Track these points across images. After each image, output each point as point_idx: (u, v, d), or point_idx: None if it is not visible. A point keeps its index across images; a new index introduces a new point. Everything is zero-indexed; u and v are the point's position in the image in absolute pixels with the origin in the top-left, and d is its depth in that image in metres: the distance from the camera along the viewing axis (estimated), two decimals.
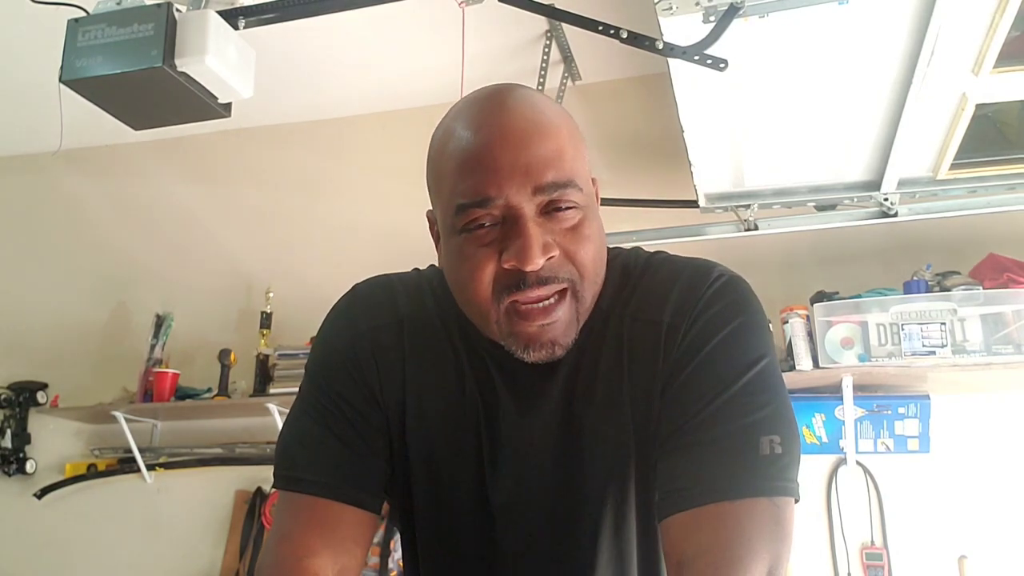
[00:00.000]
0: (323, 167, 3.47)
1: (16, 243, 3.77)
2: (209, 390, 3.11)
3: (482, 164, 0.86)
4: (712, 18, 1.82)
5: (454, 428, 0.99)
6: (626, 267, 1.02)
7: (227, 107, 1.98)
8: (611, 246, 1.04)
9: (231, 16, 1.93)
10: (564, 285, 0.88)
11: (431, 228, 1.01)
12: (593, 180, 0.98)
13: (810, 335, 2.48)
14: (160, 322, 3.27)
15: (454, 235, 0.90)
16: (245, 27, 1.95)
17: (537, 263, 0.85)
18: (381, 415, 1.02)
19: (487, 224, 0.87)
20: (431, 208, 0.99)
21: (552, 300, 0.88)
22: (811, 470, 2.62)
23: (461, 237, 0.89)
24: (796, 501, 0.86)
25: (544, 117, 0.90)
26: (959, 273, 2.47)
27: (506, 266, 0.86)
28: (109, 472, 3.25)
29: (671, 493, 0.87)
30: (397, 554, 2.72)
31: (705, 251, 2.81)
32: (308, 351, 2.92)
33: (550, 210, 0.88)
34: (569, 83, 3.12)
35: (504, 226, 0.87)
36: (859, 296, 2.49)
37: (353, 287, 1.14)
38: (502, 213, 0.87)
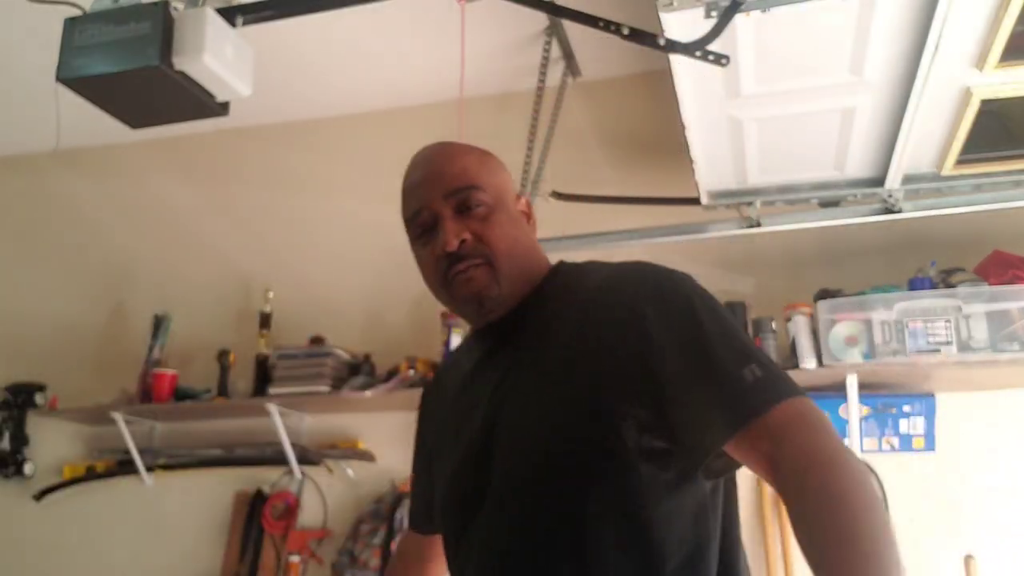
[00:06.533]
0: (322, 166, 3.45)
1: (13, 244, 3.76)
2: (208, 391, 3.10)
3: (411, 190, 1.23)
4: (714, 13, 1.80)
5: (456, 415, 1.26)
6: (573, 266, 1.27)
7: (225, 106, 1.96)
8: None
9: (229, 14, 1.91)
10: (479, 260, 1.16)
11: None
12: (519, 197, 1.28)
13: (814, 333, 2.47)
14: (159, 323, 3.25)
15: (414, 247, 1.24)
16: (243, 25, 1.94)
17: (453, 245, 1.14)
18: (423, 445, 1.39)
19: (426, 231, 1.19)
20: None
21: (473, 269, 1.16)
22: None
23: (416, 246, 1.23)
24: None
25: (450, 151, 1.25)
26: (964, 270, 2.46)
27: (437, 253, 1.17)
28: (108, 474, 3.23)
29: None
30: None
31: (708, 248, 2.81)
32: (308, 351, 2.93)
33: (463, 209, 1.17)
34: (570, 80, 3.11)
35: (434, 229, 1.18)
36: (863, 293, 2.47)
37: None
38: (431, 220, 1.18)
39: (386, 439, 2.98)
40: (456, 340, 2.83)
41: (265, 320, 3.11)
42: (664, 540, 1.01)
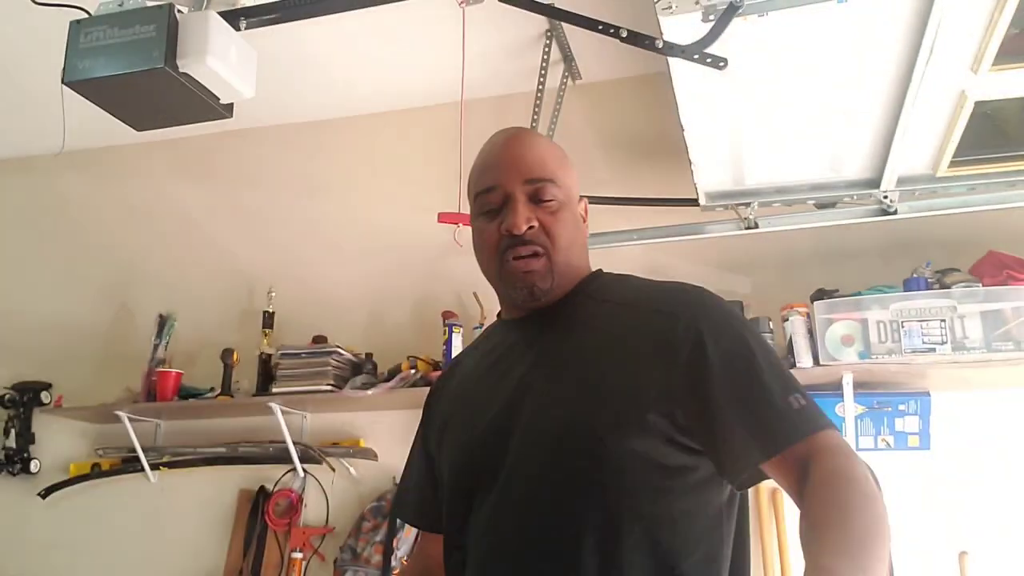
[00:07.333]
0: (324, 167, 3.48)
1: (19, 244, 3.79)
2: (212, 389, 3.12)
3: (490, 166, 1.28)
4: (711, 17, 1.83)
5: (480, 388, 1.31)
6: (616, 275, 1.34)
7: (229, 108, 1.98)
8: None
9: (232, 17, 1.93)
10: (540, 249, 1.23)
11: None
12: (581, 198, 1.34)
13: (810, 333, 2.49)
14: (163, 322, 3.28)
15: (475, 219, 1.30)
16: (246, 28, 1.96)
17: (521, 228, 1.21)
18: (432, 435, 1.37)
19: (493, 208, 1.25)
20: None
21: (532, 257, 1.22)
22: None
23: (479, 219, 1.28)
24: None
25: (535, 140, 1.31)
26: (959, 270, 2.47)
27: (502, 231, 1.23)
28: (113, 471, 3.26)
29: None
30: (400, 552, 2.72)
31: (706, 249, 2.83)
32: (311, 350, 2.96)
33: (536, 199, 1.24)
34: (569, 82, 3.13)
35: (503, 208, 1.24)
36: (859, 293, 2.49)
37: None
38: (502, 199, 1.24)
39: (388, 437, 3.01)
40: (457, 340, 2.86)
41: (268, 319, 3.14)
42: (683, 538, 1.08)
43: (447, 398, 1.37)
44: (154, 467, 3.19)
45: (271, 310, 3.15)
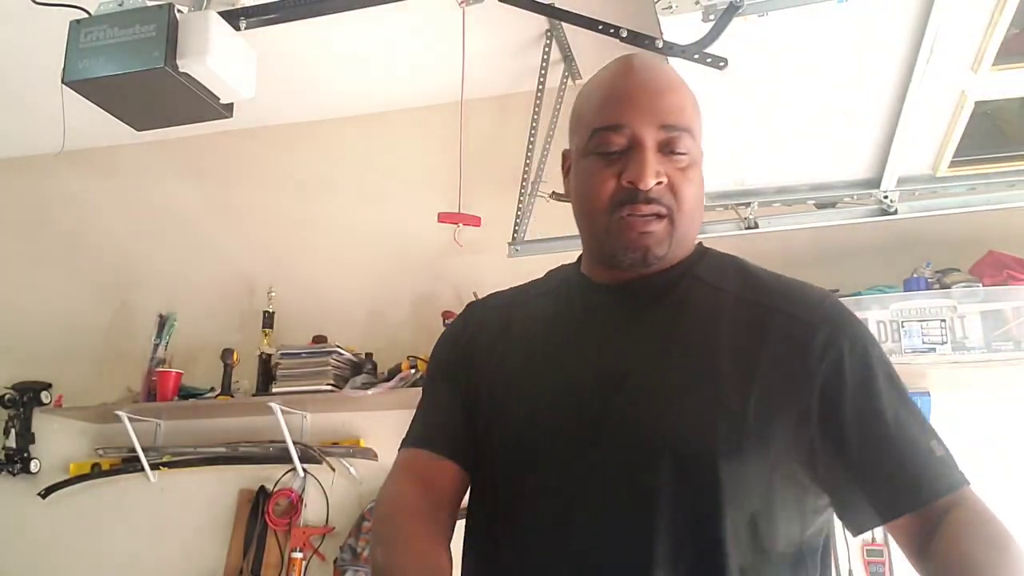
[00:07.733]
0: (324, 167, 3.48)
1: (19, 244, 3.79)
2: (212, 389, 3.12)
3: (620, 99, 1.07)
4: (711, 17, 1.83)
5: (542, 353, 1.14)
6: (725, 256, 1.18)
7: (229, 107, 1.99)
8: None
9: (232, 17, 1.94)
10: (664, 210, 1.05)
11: (563, 165, 1.21)
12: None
13: None
14: (163, 322, 3.28)
15: (585, 158, 1.10)
16: (246, 28, 1.96)
17: (649, 183, 1.03)
18: (471, 374, 1.18)
19: (614, 150, 1.06)
20: (567, 148, 1.20)
21: (653, 218, 1.05)
22: None
23: (591, 159, 1.08)
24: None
25: (675, 79, 1.12)
26: (959, 270, 2.48)
27: (624, 182, 1.04)
28: (113, 471, 3.26)
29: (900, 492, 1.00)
30: None
31: None
32: (310, 350, 2.96)
33: (666, 151, 1.06)
34: (569, 82, 3.13)
35: (627, 153, 1.05)
36: (859, 293, 2.49)
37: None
38: (628, 142, 1.05)
39: (388, 437, 2.99)
40: None
41: (268, 319, 3.14)
42: (800, 549, 1.03)
43: (499, 336, 1.19)
44: (154, 467, 3.19)
45: (271, 310, 3.16)
